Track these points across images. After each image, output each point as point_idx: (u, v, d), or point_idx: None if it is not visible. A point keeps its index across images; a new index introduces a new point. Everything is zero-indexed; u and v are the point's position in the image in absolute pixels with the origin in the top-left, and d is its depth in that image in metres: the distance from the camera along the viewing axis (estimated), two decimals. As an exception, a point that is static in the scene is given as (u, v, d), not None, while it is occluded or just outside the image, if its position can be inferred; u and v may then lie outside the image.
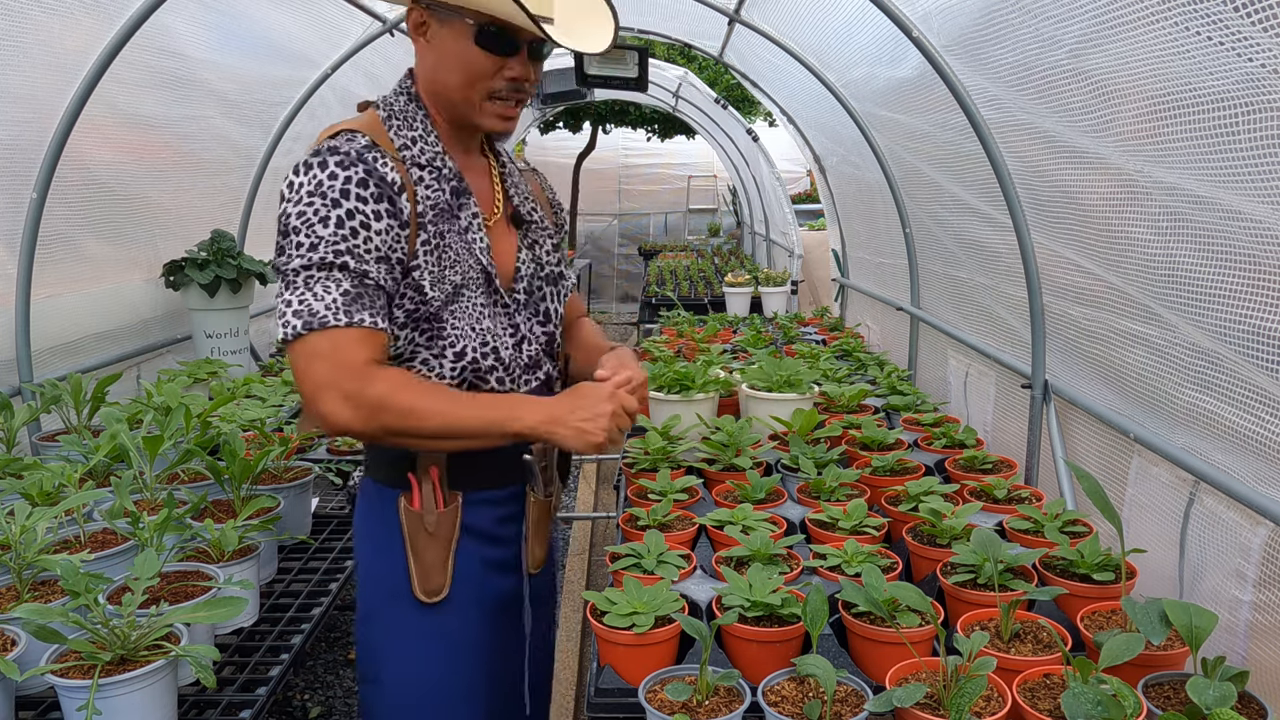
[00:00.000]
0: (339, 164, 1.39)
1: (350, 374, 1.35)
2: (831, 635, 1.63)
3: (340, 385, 1.35)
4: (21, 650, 1.51)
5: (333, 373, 1.35)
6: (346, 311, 1.36)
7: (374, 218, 1.39)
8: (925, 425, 2.78)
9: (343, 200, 1.37)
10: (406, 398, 1.37)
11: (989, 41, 2.26)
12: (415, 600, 1.56)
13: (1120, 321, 2.05)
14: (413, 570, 1.56)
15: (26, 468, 2.10)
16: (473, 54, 1.46)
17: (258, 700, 1.69)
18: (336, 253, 1.36)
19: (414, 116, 1.53)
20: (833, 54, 3.62)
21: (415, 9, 1.49)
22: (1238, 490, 1.66)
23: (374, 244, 1.39)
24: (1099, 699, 1.20)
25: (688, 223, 12.76)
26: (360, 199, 1.39)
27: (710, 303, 6.30)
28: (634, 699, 1.42)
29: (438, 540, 1.55)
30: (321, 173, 1.38)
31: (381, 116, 1.53)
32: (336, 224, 1.37)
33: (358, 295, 1.38)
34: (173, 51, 3.10)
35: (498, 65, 1.47)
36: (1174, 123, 1.63)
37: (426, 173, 1.50)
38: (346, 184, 1.38)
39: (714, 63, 5.27)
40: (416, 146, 1.51)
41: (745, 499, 2.18)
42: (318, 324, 1.34)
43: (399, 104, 1.54)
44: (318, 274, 1.37)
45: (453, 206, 1.53)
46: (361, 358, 1.36)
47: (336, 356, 1.35)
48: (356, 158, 1.40)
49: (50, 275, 2.84)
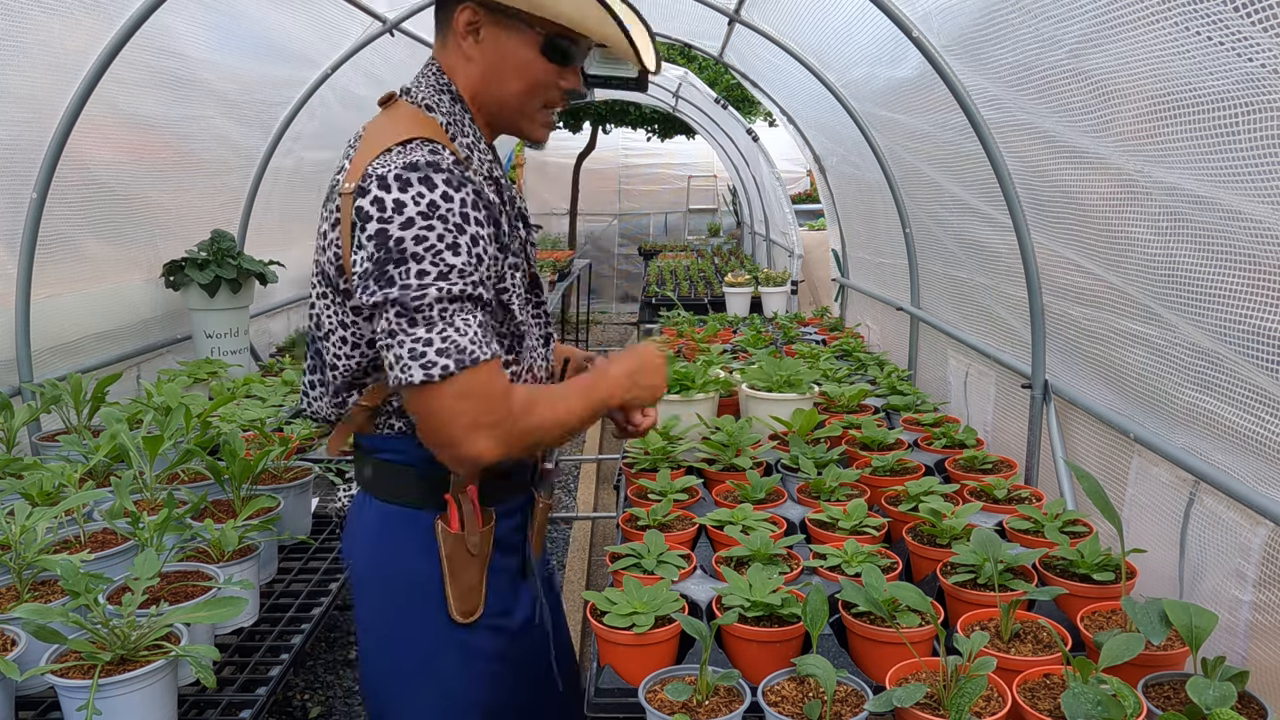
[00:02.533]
0: (447, 183, 1.26)
1: (502, 410, 1.30)
2: (831, 635, 1.63)
3: (494, 423, 1.29)
4: (21, 650, 1.51)
5: (484, 410, 1.28)
6: (487, 344, 1.28)
7: (489, 241, 1.32)
8: (925, 425, 2.78)
9: (465, 225, 1.27)
10: (541, 414, 1.36)
11: (989, 41, 2.26)
12: (451, 623, 1.48)
13: (1120, 321, 2.05)
14: (449, 592, 1.48)
15: (26, 468, 2.10)
16: (537, 63, 1.40)
17: (258, 700, 1.69)
18: (472, 284, 1.27)
19: (462, 120, 1.44)
20: (833, 54, 3.62)
21: (467, 8, 1.38)
22: (1238, 490, 1.66)
23: (492, 269, 1.33)
24: (1099, 699, 1.20)
25: (688, 223, 12.76)
26: (478, 223, 1.29)
27: (710, 303, 6.29)
28: (634, 699, 1.42)
29: (478, 560, 1.49)
30: (431, 192, 1.25)
31: (441, 122, 1.41)
32: (466, 251, 1.26)
33: (487, 324, 1.31)
34: (173, 51, 3.10)
35: (558, 75, 1.43)
36: (1174, 123, 1.63)
37: (486, 185, 1.41)
38: (464, 206, 1.27)
39: (714, 63, 5.27)
40: (475, 157, 1.43)
41: (745, 499, 2.18)
42: (469, 361, 1.25)
43: (444, 104, 1.43)
44: (452, 306, 1.26)
45: (525, 216, 1.52)
46: (503, 389, 1.31)
47: (486, 392, 1.28)
48: (463, 177, 1.29)
49: (50, 275, 2.85)
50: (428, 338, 1.24)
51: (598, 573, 4.50)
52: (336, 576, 2.23)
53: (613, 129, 11.52)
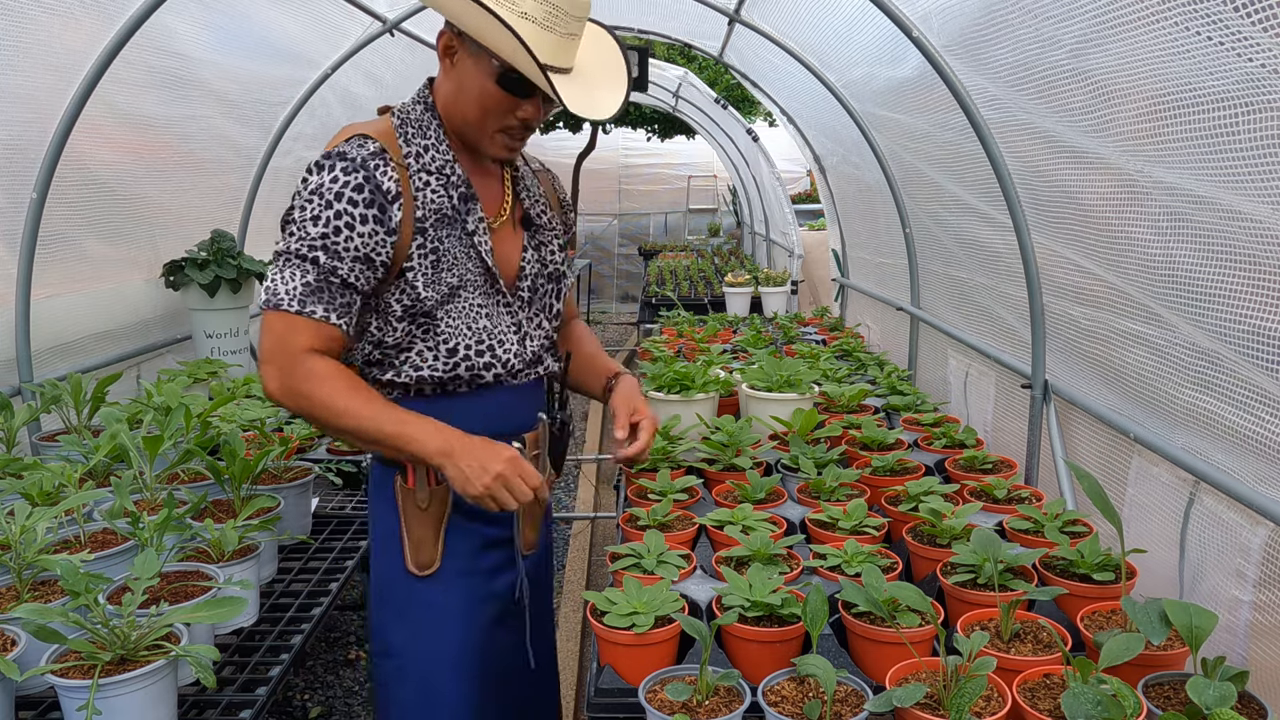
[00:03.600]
0: (343, 169, 1.52)
1: (287, 355, 1.51)
2: (831, 635, 1.63)
3: (277, 362, 1.51)
4: (21, 650, 1.51)
5: (275, 349, 1.52)
6: (301, 301, 1.51)
7: (359, 220, 1.52)
8: (925, 425, 2.78)
9: (335, 201, 1.51)
10: (326, 391, 1.51)
11: (989, 41, 2.26)
12: (409, 573, 1.69)
13: (1120, 321, 2.05)
14: (405, 544, 1.69)
15: (26, 468, 2.10)
16: (492, 92, 1.55)
17: (258, 700, 1.69)
18: (311, 246, 1.50)
19: (428, 126, 1.62)
20: (833, 54, 3.62)
21: (447, 33, 1.56)
22: (1238, 490, 1.66)
23: (354, 244, 1.52)
24: (1099, 699, 1.20)
25: (688, 223, 12.76)
26: (351, 202, 1.51)
27: (710, 303, 6.29)
28: (634, 699, 1.42)
29: (429, 516, 1.67)
30: (326, 175, 1.52)
31: (395, 124, 1.62)
32: (325, 223, 1.50)
33: (318, 288, 1.52)
34: (173, 51, 3.10)
35: (514, 105, 1.56)
36: (1174, 123, 1.63)
37: (434, 179, 1.61)
38: (344, 188, 1.51)
39: (714, 63, 5.27)
40: (428, 154, 1.61)
41: (745, 499, 2.18)
42: (273, 303, 1.51)
43: (415, 112, 1.63)
44: (294, 260, 1.52)
45: (460, 212, 1.63)
46: (302, 344, 1.51)
47: (282, 337, 1.51)
48: (360, 164, 1.52)
49: (50, 275, 2.84)
50: (271, 277, 1.54)
51: (598, 573, 4.50)
52: (336, 576, 2.23)
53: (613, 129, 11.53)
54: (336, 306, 1.53)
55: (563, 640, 3.76)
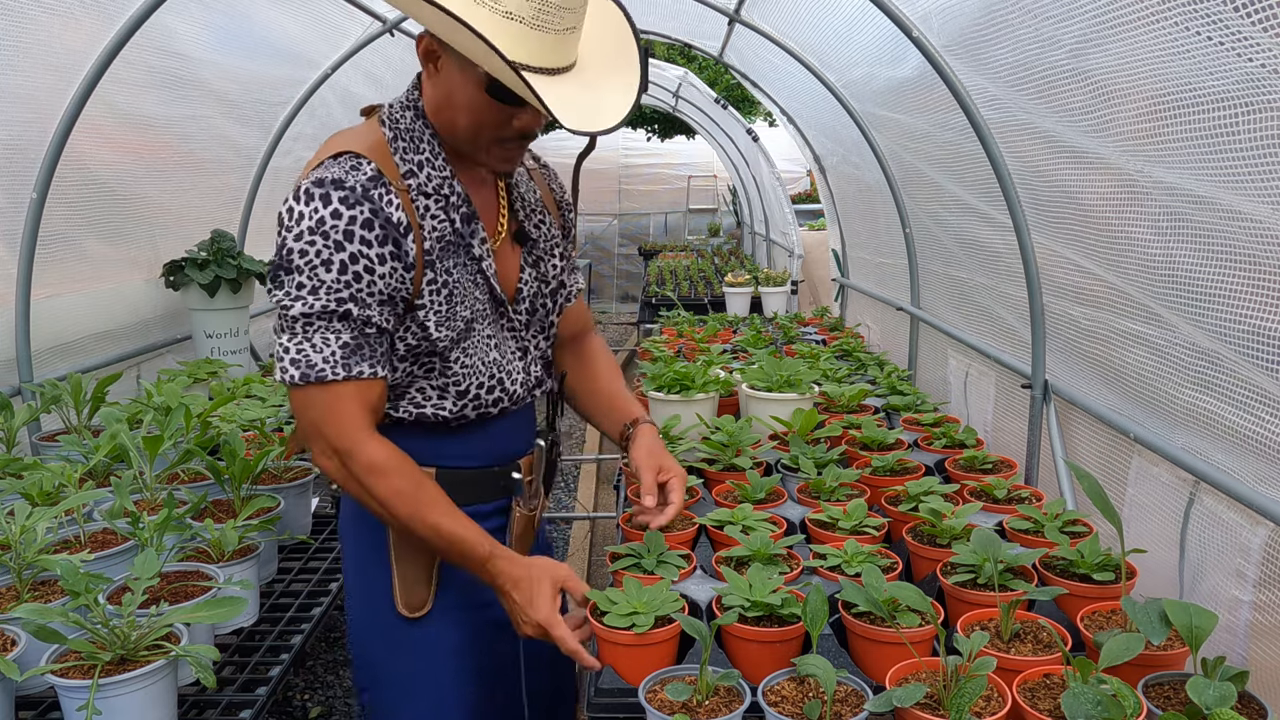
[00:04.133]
0: (343, 201, 1.32)
1: (340, 434, 1.36)
2: (831, 635, 1.63)
3: (330, 441, 1.36)
4: (21, 650, 1.51)
5: (325, 427, 1.36)
6: (345, 365, 1.34)
7: (378, 261, 1.35)
8: (925, 425, 2.78)
9: (346, 243, 1.32)
10: (385, 490, 1.38)
11: (989, 41, 2.26)
12: (399, 615, 1.57)
13: (1120, 321, 2.05)
14: (396, 584, 1.56)
15: (26, 468, 2.10)
16: (483, 102, 1.38)
17: (258, 700, 1.69)
18: (340, 300, 1.32)
19: (421, 136, 1.45)
20: (833, 54, 3.62)
21: (425, 37, 1.38)
22: (1238, 490, 1.66)
23: (378, 287, 1.35)
24: (1099, 699, 1.20)
25: (688, 223, 12.76)
26: (365, 242, 1.33)
27: (710, 303, 6.29)
28: (634, 699, 1.42)
29: (422, 554, 1.55)
30: (324, 208, 1.32)
31: (387, 137, 1.43)
32: (340, 269, 1.32)
33: (357, 346, 1.36)
34: (173, 51, 3.10)
35: (508, 115, 1.39)
36: (1174, 123, 1.63)
37: (434, 202, 1.43)
38: (351, 224, 1.32)
39: (714, 63, 5.27)
40: (424, 173, 1.43)
41: (745, 499, 2.18)
42: (315, 377, 1.33)
43: (406, 120, 1.45)
44: (318, 323, 1.33)
45: (463, 235, 1.47)
46: (353, 414, 1.36)
47: (330, 412, 1.35)
48: (362, 195, 1.34)
49: (50, 275, 2.84)
50: (286, 345, 1.35)
51: (598, 573, 4.50)
52: (336, 576, 2.23)
53: (613, 129, 11.50)
54: (378, 357, 1.38)
55: (563, 640, 3.76)
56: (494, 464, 1.58)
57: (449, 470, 1.55)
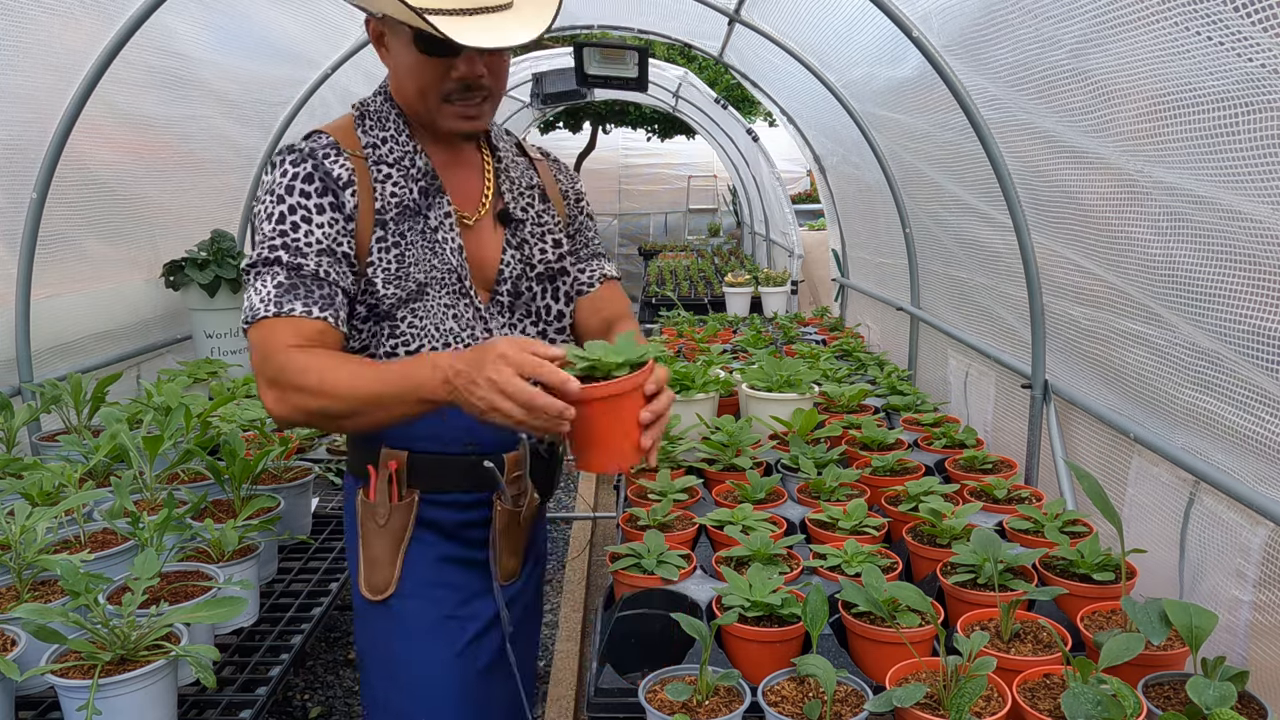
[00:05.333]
0: (292, 162, 1.45)
1: (269, 358, 1.36)
2: (831, 635, 1.63)
3: (264, 371, 1.37)
4: (21, 650, 1.51)
5: (261, 363, 1.38)
6: (276, 303, 1.38)
7: (316, 211, 1.43)
8: (925, 425, 2.78)
9: (287, 196, 1.43)
10: (315, 375, 1.33)
11: (989, 41, 2.26)
12: (364, 598, 1.58)
13: (1120, 321, 2.05)
14: (361, 566, 1.58)
15: (26, 468, 2.10)
16: (416, 59, 1.45)
17: (258, 700, 1.69)
18: (272, 247, 1.41)
19: (387, 117, 1.54)
20: (833, 54, 3.62)
21: (371, 20, 1.50)
22: (1238, 490, 1.66)
23: (315, 236, 1.42)
24: (1099, 699, 1.20)
25: (688, 223, 12.76)
26: (303, 194, 1.43)
27: (710, 303, 6.29)
28: (634, 699, 1.42)
29: (387, 534, 1.55)
30: (276, 172, 1.45)
31: (355, 117, 1.55)
32: (278, 219, 1.42)
33: (291, 287, 1.40)
34: (173, 51, 3.10)
35: (444, 67, 1.45)
36: (1174, 123, 1.63)
37: (395, 170, 1.51)
38: (293, 180, 1.43)
39: (714, 63, 5.27)
40: (386, 146, 1.52)
41: (745, 499, 2.18)
42: (252, 317, 1.39)
43: (375, 104, 1.56)
44: (261, 269, 1.41)
45: (420, 206, 1.53)
46: (282, 342, 1.36)
47: (263, 346, 1.37)
48: (308, 154, 1.45)
49: (50, 275, 2.84)
50: (246, 297, 1.42)
51: (598, 572, 4.50)
52: (336, 576, 2.23)
53: (613, 129, 11.53)
54: (316, 300, 1.40)
55: (562, 640, 3.76)
56: (467, 451, 1.55)
57: (419, 455, 1.55)
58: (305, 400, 1.34)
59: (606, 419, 1.26)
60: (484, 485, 1.58)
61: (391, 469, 1.53)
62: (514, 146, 1.71)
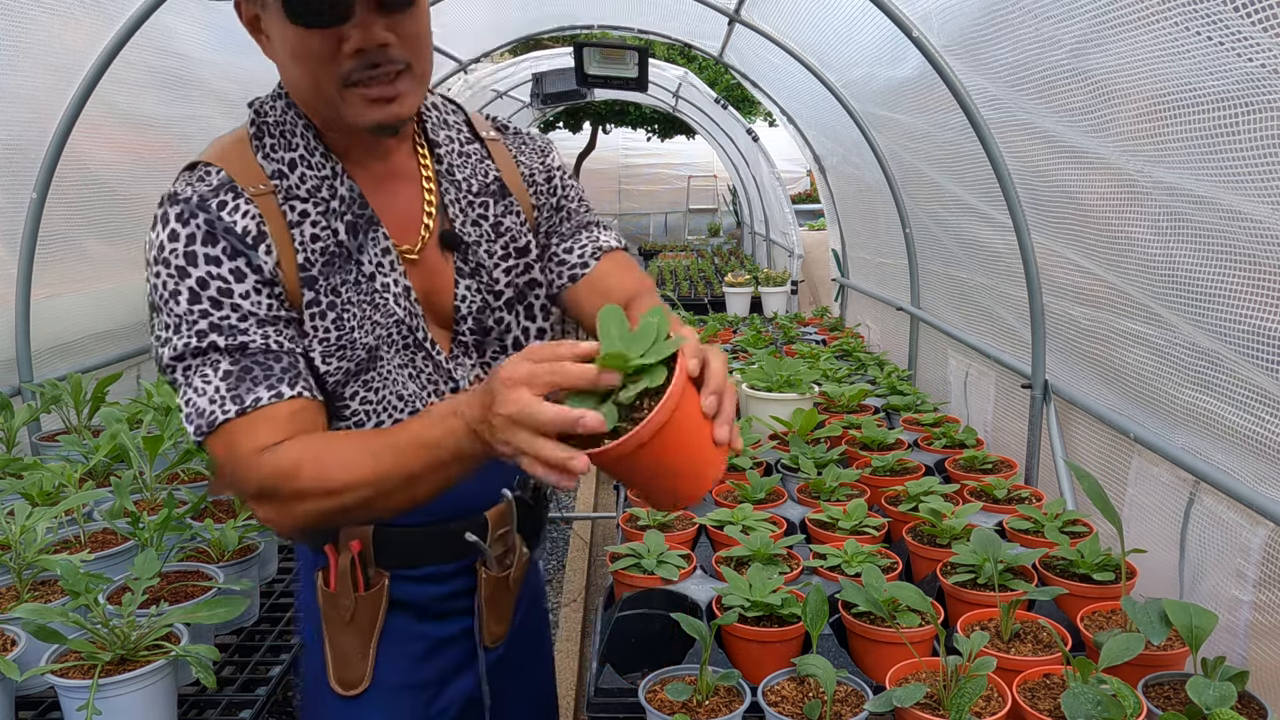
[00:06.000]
0: (178, 218, 1.12)
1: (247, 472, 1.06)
2: (831, 635, 1.63)
3: (246, 488, 1.08)
4: (21, 650, 1.51)
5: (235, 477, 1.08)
6: (235, 397, 1.07)
7: (234, 279, 1.11)
8: (925, 425, 2.78)
9: (190, 268, 1.09)
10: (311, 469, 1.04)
11: (989, 41, 2.26)
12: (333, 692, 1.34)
13: (1120, 321, 2.05)
14: (328, 657, 1.33)
15: (26, 468, 2.10)
16: (297, 37, 1.10)
17: (258, 700, 1.69)
18: (200, 333, 1.09)
19: (292, 129, 1.20)
20: (833, 54, 3.62)
21: (239, 4, 1.18)
22: (1238, 490, 1.66)
23: (245, 308, 1.11)
24: (1099, 699, 1.20)
25: (688, 223, 12.77)
26: (209, 259, 1.10)
27: (710, 303, 6.30)
28: (634, 699, 1.42)
29: (356, 628, 1.30)
30: (163, 231, 1.12)
31: (251, 132, 1.21)
32: (190, 298, 1.09)
33: (243, 371, 1.09)
34: (173, 51, 3.10)
35: (333, 40, 1.09)
36: (1174, 123, 1.63)
37: (312, 205, 1.17)
38: (191, 244, 1.10)
39: (714, 63, 5.27)
40: (296, 173, 1.18)
41: (745, 499, 2.18)
42: (208, 425, 1.07)
43: (275, 112, 1.21)
44: (194, 363, 1.09)
45: (350, 248, 1.19)
46: (257, 445, 1.06)
47: (234, 458, 1.07)
48: (198, 206, 1.12)
49: (50, 275, 2.84)
50: (180, 401, 1.11)
51: (598, 572, 4.50)
52: (336, 576, 2.23)
53: (613, 129, 11.54)
54: (278, 376, 1.10)
55: (562, 640, 3.76)
56: (442, 520, 1.30)
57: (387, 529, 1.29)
58: (313, 505, 1.05)
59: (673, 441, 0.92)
60: (464, 553, 1.35)
61: (354, 550, 1.28)
62: (462, 130, 1.34)
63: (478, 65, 5.61)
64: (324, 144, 1.20)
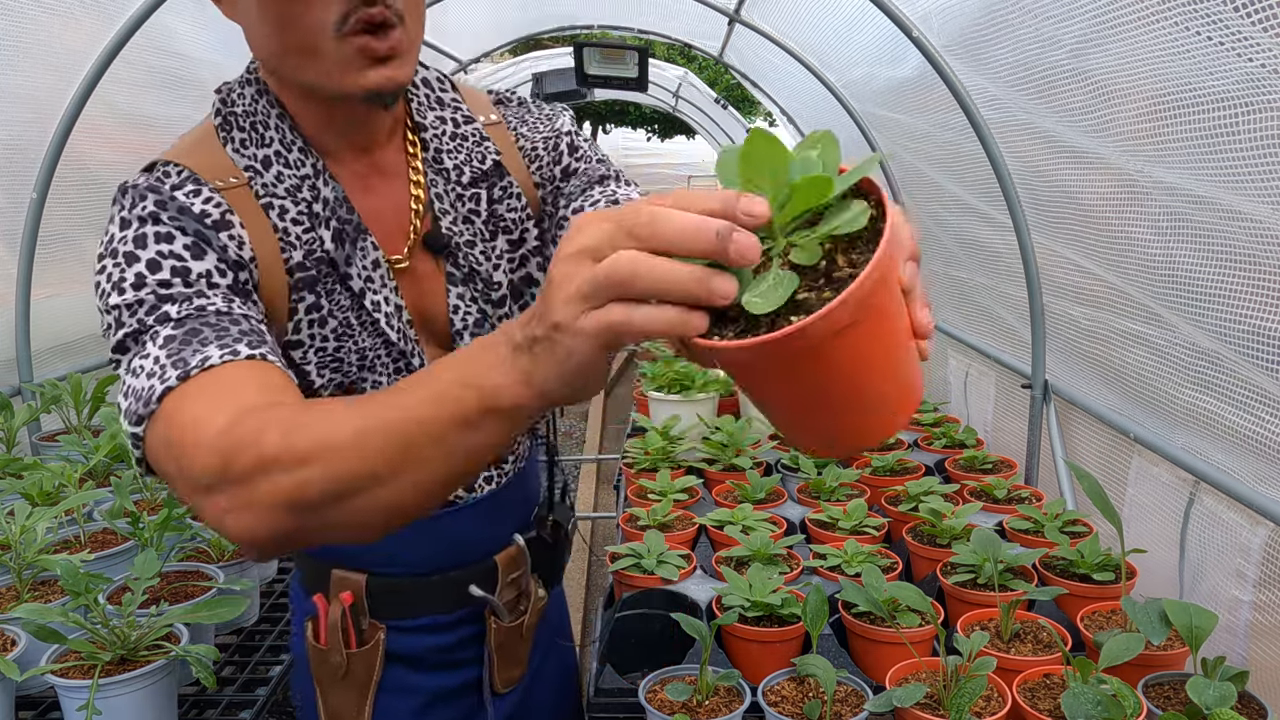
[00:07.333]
0: (129, 206, 0.95)
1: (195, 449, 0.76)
2: (831, 635, 1.63)
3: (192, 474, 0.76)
4: (21, 650, 1.51)
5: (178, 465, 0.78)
6: (178, 362, 0.82)
7: (190, 255, 0.92)
8: (925, 425, 2.78)
9: (138, 250, 0.92)
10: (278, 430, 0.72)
11: (989, 41, 2.26)
12: None
13: (1120, 321, 2.05)
14: (321, 713, 1.24)
15: (26, 468, 2.10)
16: None
17: (258, 700, 1.69)
18: (149, 310, 0.89)
19: (265, 119, 1.04)
20: (833, 54, 3.62)
21: None
22: (1238, 490, 1.66)
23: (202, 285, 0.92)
24: (1099, 699, 1.20)
25: (688, 223, 12.75)
26: (161, 238, 0.92)
27: (710, 303, 6.28)
28: (634, 699, 1.42)
29: (349, 685, 1.20)
30: (112, 226, 0.96)
31: (216, 124, 1.05)
32: (136, 282, 0.91)
33: (189, 334, 0.86)
34: (173, 51, 3.10)
35: None
36: (1174, 123, 1.63)
37: (290, 203, 1.01)
38: (141, 227, 0.93)
39: (714, 63, 5.27)
40: (271, 171, 1.01)
41: (745, 499, 2.18)
42: (143, 407, 0.82)
43: (244, 101, 1.05)
44: (134, 340, 0.89)
45: (336, 259, 1.03)
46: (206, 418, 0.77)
47: (174, 436, 0.78)
48: (148, 189, 0.96)
49: (50, 275, 2.84)
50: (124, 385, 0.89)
51: (598, 572, 4.50)
52: (336, 576, 2.23)
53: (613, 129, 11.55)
54: (235, 336, 0.86)
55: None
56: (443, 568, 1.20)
57: (383, 578, 1.18)
58: (282, 480, 0.70)
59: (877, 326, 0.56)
60: (470, 602, 1.24)
61: (345, 602, 1.16)
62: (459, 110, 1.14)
63: (478, 65, 5.61)
64: (302, 136, 1.03)
